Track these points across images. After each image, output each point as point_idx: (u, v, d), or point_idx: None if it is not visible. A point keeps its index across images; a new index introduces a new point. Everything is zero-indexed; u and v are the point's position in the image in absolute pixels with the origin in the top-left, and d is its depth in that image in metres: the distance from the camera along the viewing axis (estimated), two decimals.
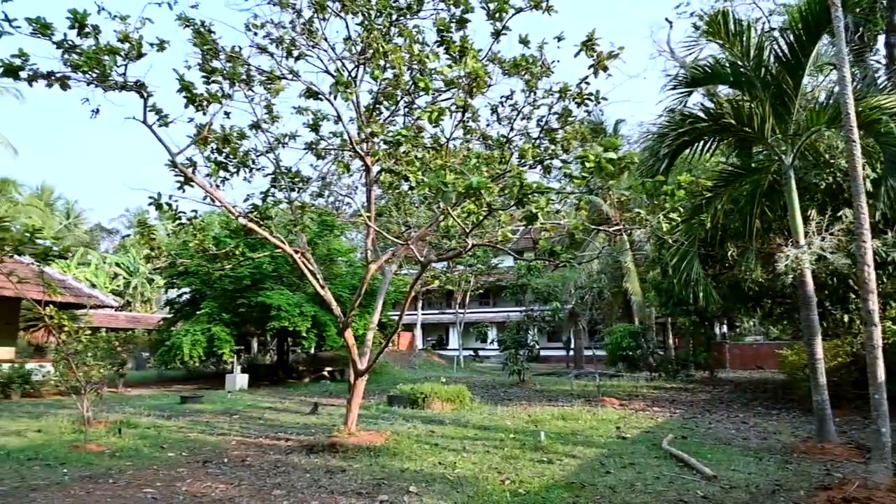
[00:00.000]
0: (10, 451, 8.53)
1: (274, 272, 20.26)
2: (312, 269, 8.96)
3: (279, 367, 24.73)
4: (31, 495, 6.31)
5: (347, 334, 8.96)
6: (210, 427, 11.31)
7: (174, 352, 19.13)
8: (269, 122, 9.15)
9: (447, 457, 8.23)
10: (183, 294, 23.85)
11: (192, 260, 11.65)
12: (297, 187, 9.63)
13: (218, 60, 7.81)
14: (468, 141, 9.24)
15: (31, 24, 6.00)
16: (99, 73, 6.49)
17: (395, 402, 13.95)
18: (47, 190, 51.62)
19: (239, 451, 8.94)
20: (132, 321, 34.82)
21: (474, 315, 40.27)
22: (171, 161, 7.51)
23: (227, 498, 6.31)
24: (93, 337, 9.99)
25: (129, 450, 8.85)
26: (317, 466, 7.76)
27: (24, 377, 16.59)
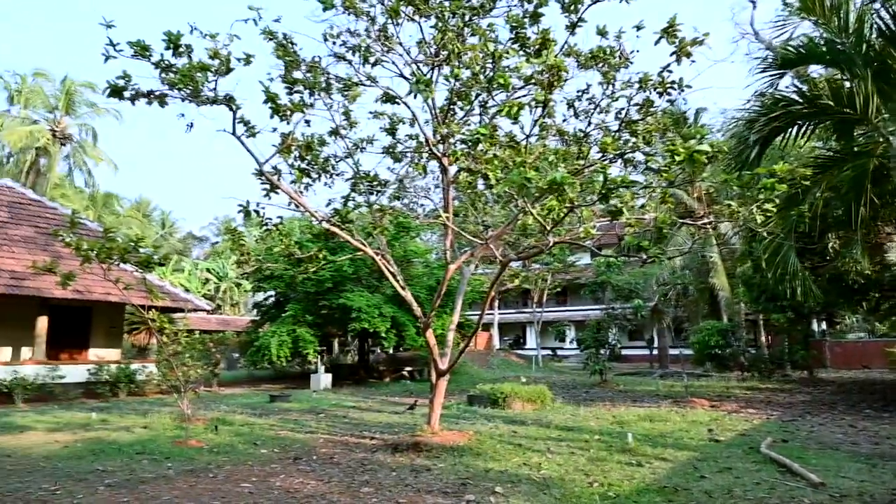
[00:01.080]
0: (121, 446, 9.16)
1: (354, 274, 20.79)
2: (392, 271, 9.11)
3: (361, 367, 25.35)
4: (140, 487, 6.74)
5: (428, 334, 9.04)
6: (298, 425, 11.72)
7: (262, 352, 20.02)
8: (347, 128, 9.38)
9: (531, 457, 8.14)
10: (269, 297, 24.91)
11: (278, 264, 12.16)
12: (375, 190, 9.81)
13: (299, 71, 8.08)
14: (544, 137, 9.11)
15: (133, 48, 6.43)
16: (192, 90, 6.86)
17: (475, 402, 13.96)
18: (144, 202, 55.44)
19: (327, 448, 9.20)
20: (222, 323, 36.71)
21: (551, 314, 39.73)
22: (257, 170, 7.84)
23: (318, 494, 6.49)
24: (191, 339, 10.58)
25: (226, 446, 9.30)
26: (402, 465, 7.86)
27: (129, 377, 17.84)
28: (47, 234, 18.99)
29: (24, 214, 19.72)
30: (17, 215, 19.46)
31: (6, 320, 17.02)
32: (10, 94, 38.53)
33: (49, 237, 18.81)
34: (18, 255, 17.18)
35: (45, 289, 16.18)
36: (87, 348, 19.11)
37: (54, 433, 10.43)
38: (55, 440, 9.70)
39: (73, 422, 11.82)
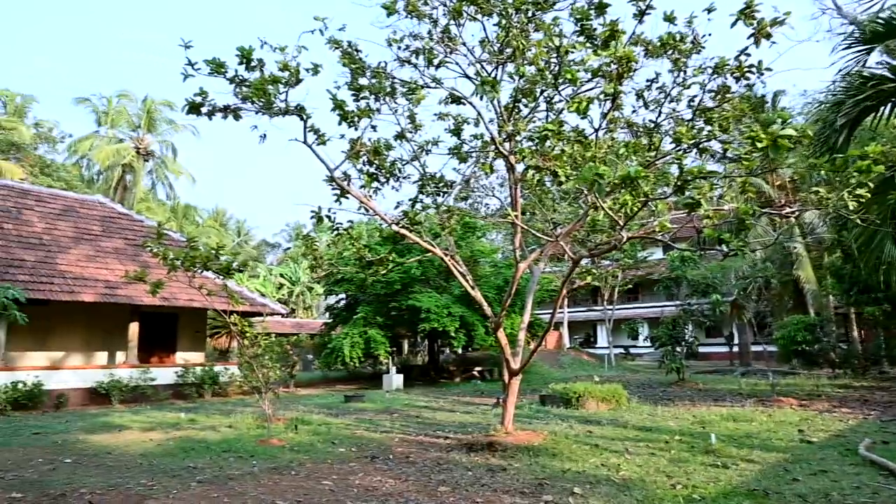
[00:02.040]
0: (209, 445, 9.61)
1: (422, 276, 21.01)
2: (462, 271, 9.13)
3: (431, 368, 25.57)
4: (229, 483, 7.04)
5: (500, 334, 9.01)
6: (373, 425, 11.94)
7: (336, 354, 20.54)
8: (412, 131, 9.48)
9: (609, 458, 7.96)
10: (340, 300, 25.53)
11: (348, 267, 12.45)
12: (441, 192, 9.87)
13: (364, 77, 8.23)
14: (612, 130, 8.89)
15: (209, 65, 6.74)
16: (265, 102, 7.11)
17: (547, 402, 13.79)
18: (221, 212, 58.16)
19: (402, 448, 9.33)
20: (297, 326, 37.91)
21: (623, 311, 38.74)
22: (328, 176, 8.04)
23: (396, 492, 6.58)
24: (269, 341, 10.98)
25: (306, 445, 9.59)
26: (477, 464, 7.87)
27: (213, 378, 18.73)
28: (136, 245, 20.22)
29: (114, 227, 21.08)
30: (109, 228, 20.82)
31: (102, 327, 18.23)
32: (98, 115, 41.36)
33: (137, 248, 20.00)
34: (111, 265, 18.37)
35: (136, 296, 17.21)
36: (175, 352, 20.20)
37: (148, 432, 11.07)
38: (149, 438, 10.29)
39: (164, 421, 12.51)
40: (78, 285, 16.70)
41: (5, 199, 19.24)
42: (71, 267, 17.35)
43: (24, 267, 16.28)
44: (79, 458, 8.53)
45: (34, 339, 16.65)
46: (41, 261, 16.97)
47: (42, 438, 10.41)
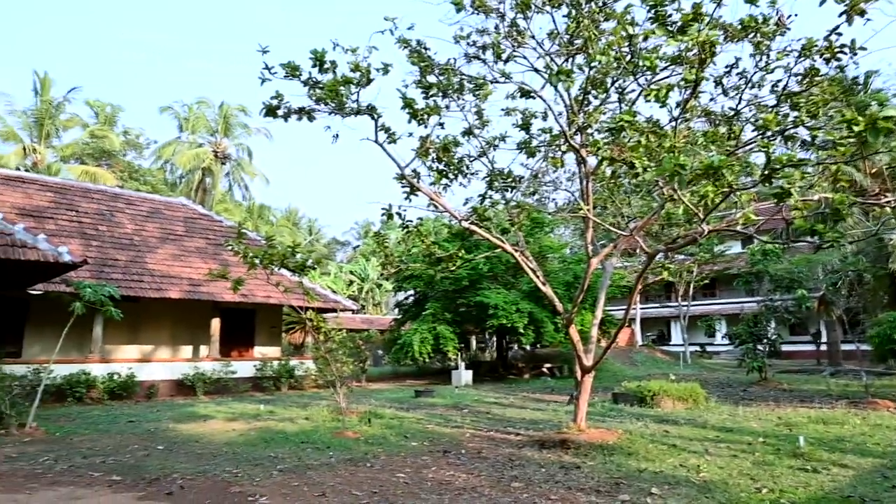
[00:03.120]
0: (287, 435, 9.98)
1: (490, 272, 20.98)
2: (532, 267, 9.05)
3: (499, 364, 25.52)
4: (308, 473, 7.29)
5: (572, 330, 8.88)
6: (444, 420, 12.04)
7: (405, 349, 20.85)
8: (480, 127, 9.47)
9: (688, 459, 7.70)
10: (409, 296, 25.87)
11: (417, 264, 12.60)
12: (510, 187, 9.81)
13: (433, 75, 8.29)
14: (689, 119, 8.56)
15: (285, 69, 6.97)
16: (337, 103, 7.29)
17: (620, 400, 13.49)
18: (293, 212, 60.07)
19: (473, 443, 9.36)
20: (366, 322, 38.70)
21: (699, 307, 37.30)
22: (399, 174, 8.16)
23: (469, 487, 6.62)
24: (343, 337, 11.27)
25: (379, 438, 9.79)
26: (550, 462, 7.79)
27: (289, 372, 19.43)
28: (216, 244, 21.24)
29: (196, 228, 22.20)
30: (191, 229, 21.95)
31: (186, 322, 19.25)
32: (180, 122, 43.64)
33: (218, 247, 21.02)
34: (194, 264, 19.36)
35: (217, 293, 18.07)
36: (253, 346, 21.08)
37: (231, 422, 11.60)
38: (232, 428, 10.78)
39: (245, 412, 13.08)
40: (165, 283, 17.70)
41: (100, 202, 20.63)
42: (158, 266, 18.41)
43: (118, 266, 17.40)
44: (170, 446, 9.06)
45: (127, 334, 17.78)
46: (132, 260, 18.09)
47: (136, 426, 11.11)
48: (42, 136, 35.99)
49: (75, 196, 20.27)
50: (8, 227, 10.74)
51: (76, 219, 18.82)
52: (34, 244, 10.58)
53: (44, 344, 15.94)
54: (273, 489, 6.47)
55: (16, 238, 10.49)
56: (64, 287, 13.83)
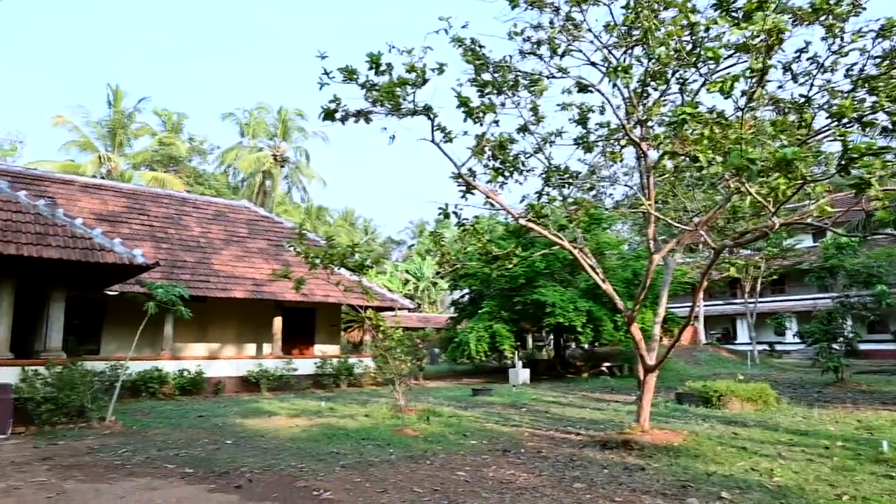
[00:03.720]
0: (348, 432, 10.17)
1: (546, 270, 20.76)
2: (591, 264, 8.89)
3: (557, 363, 25.24)
4: (369, 469, 7.40)
5: (634, 329, 8.67)
6: (502, 418, 11.99)
7: (462, 348, 20.88)
8: (535, 123, 9.37)
9: (760, 462, 7.39)
10: (465, 295, 25.89)
11: (473, 262, 12.60)
12: (567, 183, 9.67)
13: (488, 73, 8.25)
14: (754, 109, 8.20)
15: (342, 73, 7.09)
16: (393, 104, 7.36)
17: (684, 400, 13.08)
18: (349, 212, 61.22)
19: (533, 442, 9.28)
20: (422, 321, 38.99)
21: (767, 304, 35.72)
22: (455, 173, 8.17)
23: (530, 487, 6.56)
24: (402, 335, 11.39)
25: (438, 436, 9.84)
26: (613, 462, 7.64)
27: (348, 370, 19.80)
28: (277, 245, 21.87)
29: (258, 229, 22.93)
30: (254, 230, 22.68)
31: (250, 321, 19.91)
32: (241, 127, 45.17)
33: (279, 247, 21.65)
34: (257, 264, 20.00)
35: (279, 293, 18.61)
36: (313, 344, 21.59)
37: (294, 418, 11.92)
38: (295, 424, 11.07)
39: (307, 409, 13.41)
40: (230, 283, 18.36)
41: (168, 207, 21.59)
42: (223, 266, 19.12)
43: (186, 267, 18.17)
44: (237, 440, 9.39)
45: (195, 332, 18.54)
46: (199, 261, 18.85)
47: (205, 421, 11.56)
48: (115, 145, 37.97)
49: (146, 201, 21.29)
50: (88, 231, 11.38)
51: (147, 223, 19.76)
52: (111, 247, 11.17)
53: (120, 342, 16.81)
54: (336, 485, 6.60)
55: (95, 242, 11.10)
56: (138, 288, 14.56)
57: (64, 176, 22.66)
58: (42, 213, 11.35)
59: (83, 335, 16.37)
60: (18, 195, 11.73)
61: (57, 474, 6.98)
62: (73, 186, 20.18)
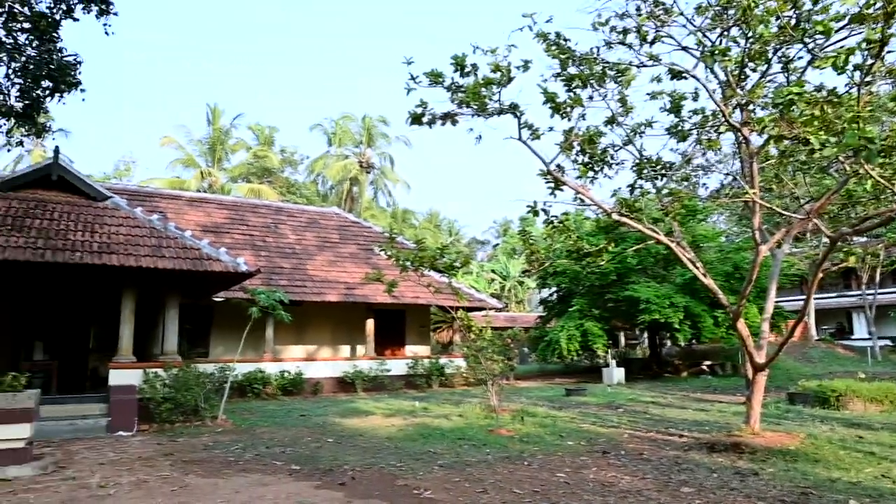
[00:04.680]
0: (443, 432, 10.27)
1: (638, 265, 20.08)
2: (690, 258, 8.49)
3: (653, 361, 24.33)
4: (467, 469, 7.43)
5: (740, 325, 8.19)
6: (599, 419, 11.70)
7: (552, 347, 20.57)
8: (623, 115, 9.07)
9: (892, 469, 6.77)
10: (553, 293, 25.51)
11: (563, 260, 12.37)
12: (660, 174, 9.29)
13: (573, 66, 8.08)
14: (870, 84, 7.53)
15: (429, 77, 7.18)
16: (479, 105, 7.36)
17: (797, 401, 12.23)
18: (434, 214, 61.90)
19: (634, 444, 8.99)
20: (510, 320, 38.75)
21: (887, 296, 32.70)
22: (543, 170, 8.06)
23: (634, 490, 6.35)
24: (493, 335, 11.37)
25: (534, 436, 9.74)
26: (722, 466, 7.26)
27: (439, 370, 20.02)
28: (367, 249, 22.49)
29: (348, 235, 23.67)
30: (344, 236, 23.45)
31: (343, 323, 20.57)
32: (329, 137, 46.88)
33: (368, 251, 22.25)
34: (348, 268, 20.66)
35: (370, 295, 19.12)
36: (404, 345, 22.01)
37: (389, 418, 12.19)
38: (391, 424, 11.32)
39: (401, 408, 13.67)
40: (324, 287, 19.07)
41: (265, 216, 22.75)
42: (317, 271, 19.88)
43: (283, 273, 19.06)
44: (338, 439, 9.71)
45: (293, 335, 19.37)
46: (295, 267, 19.71)
47: (307, 420, 12.05)
48: (215, 160, 40.48)
49: (245, 212, 22.54)
50: (196, 242, 12.19)
51: (247, 232, 20.90)
52: (217, 257, 11.90)
53: (226, 345, 17.87)
54: (436, 484, 6.67)
55: (203, 252, 11.87)
56: (241, 294, 15.40)
57: (172, 191, 24.47)
58: (156, 227, 12.26)
59: (193, 339, 17.52)
60: (135, 211, 12.74)
61: (178, 469, 7.50)
62: (181, 201, 21.70)
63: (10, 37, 11.09)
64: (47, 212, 11.64)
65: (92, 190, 12.80)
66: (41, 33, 11.01)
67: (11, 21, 11.05)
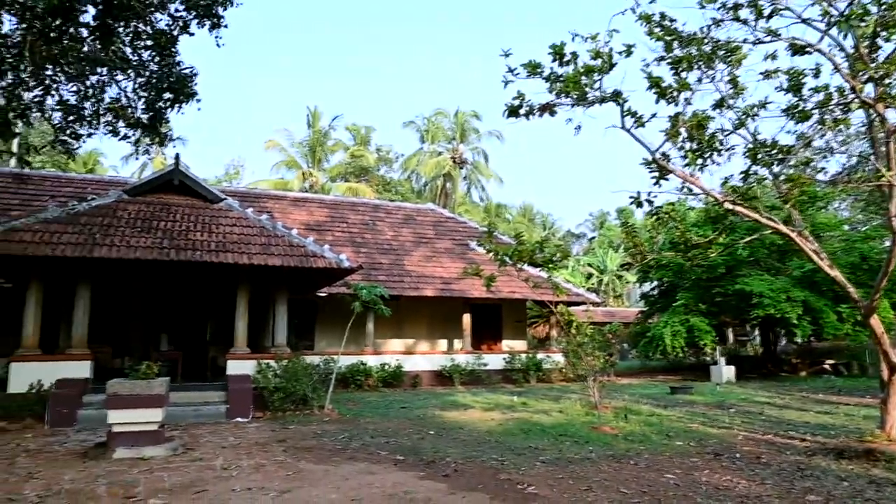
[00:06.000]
0: (544, 428, 10.15)
1: (750, 257, 18.84)
2: (814, 248, 7.84)
3: (767, 359, 22.78)
4: (570, 466, 7.30)
5: (874, 321, 7.47)
6: (708, 419, 11.13)
7: (655, 343, 19.77)
8: (734, 97, 8.50)
9: None
10: (655, 287, 24.52)
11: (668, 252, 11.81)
12: (777, 160, 8.62)
13: (679, 48, 7.67)
14: None
15: (526, 69, 7.07)
16: (579, 94, 7.16)
17: None
18: (528, 208, 61.36)
19: (749, 446, 8.47)
20: (608, 315, 37.67)
21: None
22: (647, 159, 7.72)
23: (752, 495, 5.97)
24: (593, 330, 11.10)
25: (639, 435, 9.41)
26: (854, 474, 6.67)
27: (537, 365, 19.83)
28: (462, 244, 22.66)
29: (443, 230, 23.95)
30: (439, 231, 23.74)
31: (439, 318, 20.85)
32: (421, 134, 47.63)
33: (464, 247, 22.41)
34: (444, 263, 20.91)
35: (466, 290, 19.26)
36: (500, 340, 21.99)
37: (488, 412, 12.22)
38: (490, 418, 11.34)
39: (500, 403, 13.67)
40: (421, 282, 19.41)
41: (363, 214, 23.50)
42: (414, 267, 20.28)
43: (382, 269, 19.60)
44: (439, 431, 9.86)
45: (391, 329, 19.87)
46: (393, 263, 20.22)
47: (408, 412, 12.33)
48: (315, 161, 42.29)
49: (345, 210, 23.39)
50: (302, 240, 12.79)
51: (347, 229, 21.69)
52: (322, 254, 12.42)
53: (329, 339, 18.64)
54: (539, 479, 6.61)
55: (308, 249, 12.43)
56: (344, 289, 16.00)
57: (277, 192, 25.85)
58: (266, 226, 12.98)
59: (300, 333, 18.41)
60: (247, 212, 13.55)
61: (291, 455, 7.91)
62: (285, 201, 22.86)
63: (135, 54, 12.14)
64: (171, 214, 12.63)
65: (209, 193, 13.75)
66: (161, 49, 11.96)
67: (136, 40, 12.09)
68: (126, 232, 11.53)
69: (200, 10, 11.50)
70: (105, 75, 11.85)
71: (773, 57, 8.10)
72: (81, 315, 11.43)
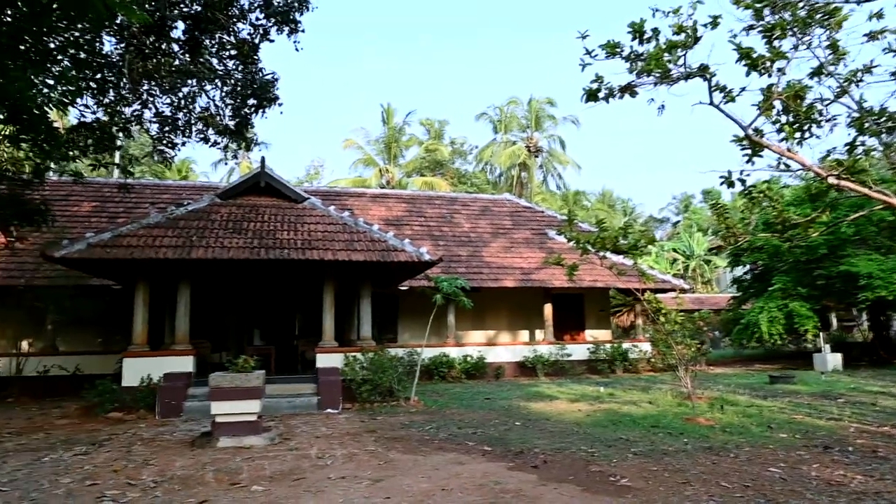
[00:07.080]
0: (634, 419, 9.86)
1: (855, 236, 17.45)
2: None
3: (878, 345, 21.09)
4: (664, 459, 7.05)
5: None
6: (814, 410, 10.45)
7: (750, 330, 18.76)
8: (835, 63, 7.86)
9: None
10: (748, 271, 23.24)
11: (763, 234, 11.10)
12: (888, 129, 7.90)
13: (770, 15, 7.17)
14: None
15: (605, 50, 6.84)
16: (662, 72, 6.85)
17: None
18: (607, 194, 59.71)
19: (863, 439, 7.88)
20: (696, 302, 36.07)
21: None
22: (739, 136, 7.29)
23: (871, 492, 5.55)
24: (682, 318, 10.66)
25: (737, 426, 8.96)
26: None
27: (623, 355, 19.30)
28: (540, 233, 22.35)
29: (521, 220, 23.72)
30: (517, 221, 23.53)
31: (520, 309, 20.67)
32: (494, 124, 47.34)
33: (542, 236, 22.11)
34: (523, 254, 20.71)
35: (547, 280, 18.99)
36: (583, 330, 21.55)
37: (574, 403, 12.02)
38: (577, 409, 11.14)
39: (586, 394, 13.41)
40: (500, 273, 19.33)
41: (440, 207, 23.65)
42: (493, 258, 20.21)
43: (461, 261, 19.67)
44: (525, 422, 9.79)
45: (472, 320, 19.93)
46: (471, 255, 20.24)
47: (492, 403, 12.33)
48: (391, 157, 43.00)
49: (422, 204, 23.64)
50: (383, 235, 13.03)
51: (425, 223, 21.91)
52: (403, 248, 12.61)
53: (412, 331, 18.93)
54: (632, 472, 6.43)
55: (389, 244, 12.65)
56: (425, 282, 16.19)
57: (356, 189, 26.49)
58: (348, 222, 13.32)
59: (383, 326, 18.80)
60: (329, 210, 13.96)
61: (382, 445, 8.10)
62: (364, 198, 23.39)
63: (221, 64, 12.76)
64: (259, 215, 13.21)
65: (293, 193, 14.27)
66: (245, 57, 12.51)
67: (221, 50, 12.70)
68: (220, 233, 12.16)
69: (279, 16, 11.94)
70: (195, 86, 12.54)
71: (878, 16, 7.46)
72: (183, 313, 12.18)
